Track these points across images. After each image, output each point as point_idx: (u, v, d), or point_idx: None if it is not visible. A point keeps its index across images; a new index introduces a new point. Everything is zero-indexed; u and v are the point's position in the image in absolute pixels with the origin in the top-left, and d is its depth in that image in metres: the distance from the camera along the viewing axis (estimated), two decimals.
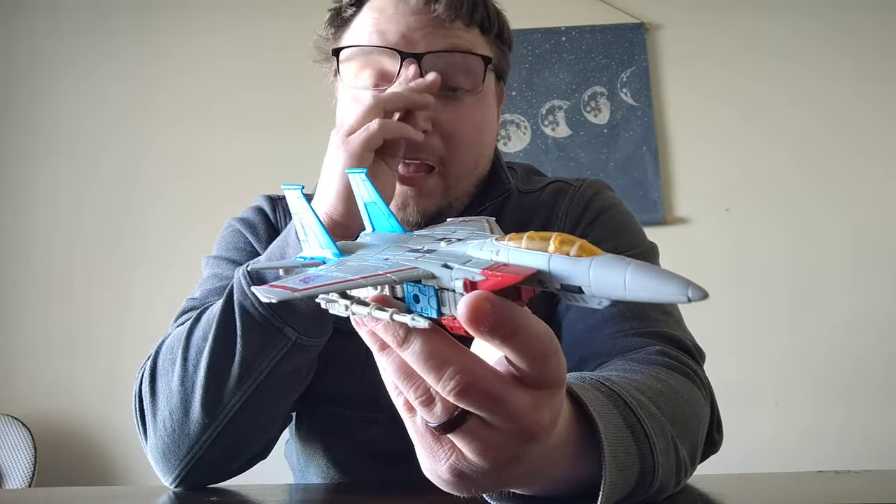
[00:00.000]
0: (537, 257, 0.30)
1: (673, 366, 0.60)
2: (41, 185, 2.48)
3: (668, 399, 0.53)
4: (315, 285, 0.32)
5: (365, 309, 0.32)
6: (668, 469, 0.49)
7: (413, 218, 0.73)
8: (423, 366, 0.32)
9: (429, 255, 0.35)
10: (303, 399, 0.79)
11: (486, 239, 0.34)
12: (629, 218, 0.81)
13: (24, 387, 2.34)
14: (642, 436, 0.45)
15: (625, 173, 2.43)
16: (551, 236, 0.30)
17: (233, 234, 0.83)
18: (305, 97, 2.27)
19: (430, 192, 0.73)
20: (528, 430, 0.34)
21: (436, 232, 0.40)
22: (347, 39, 0.75)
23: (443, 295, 0.32)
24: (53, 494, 0.76)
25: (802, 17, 2.52)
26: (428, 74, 0.68)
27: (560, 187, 0.82)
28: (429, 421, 0.35)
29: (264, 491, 0.67)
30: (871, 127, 2.47)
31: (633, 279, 0.26)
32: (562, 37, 2.52)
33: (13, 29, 2.56)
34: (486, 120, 0.77)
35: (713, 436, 0.63)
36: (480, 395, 0.32)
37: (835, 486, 0.64)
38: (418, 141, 0.67)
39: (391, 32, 0.70)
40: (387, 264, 0.34)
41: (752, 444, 1.96)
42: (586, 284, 0.28)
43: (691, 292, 0.25)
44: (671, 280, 0.26)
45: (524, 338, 0.31)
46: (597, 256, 0.28)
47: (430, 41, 0.70)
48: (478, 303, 0.29)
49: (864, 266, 2.38)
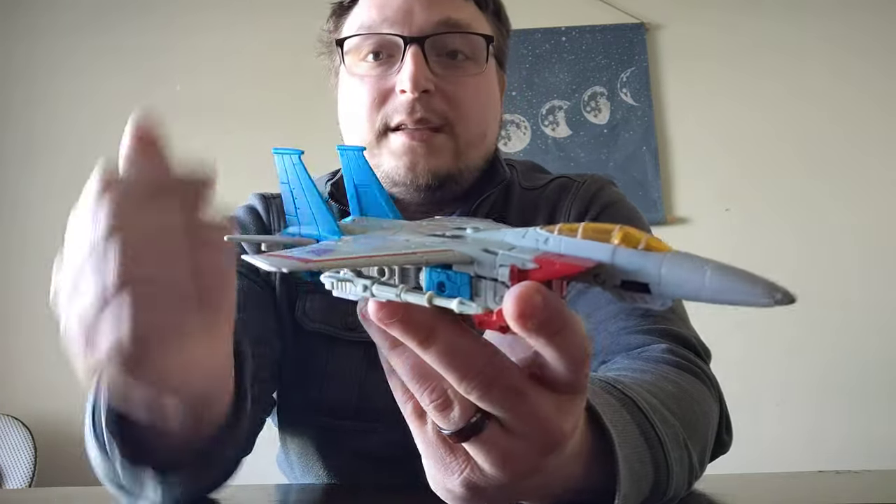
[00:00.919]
0: (598, 249, 0.27)
1: (682, 365, 0.59)
2: (40, 183, 2.48)
3: (680, 402, 0.52)
4: (332, 258, 0.28)
5: (391, 291, 0.28)
6: (682, 476, 0.48)
7: (423, 179, 0.72)
8: (447, 364, 0.29)
9: (459, 241, 0.31)
10: (298, 410, 0.78)
11: (527, 229, 0.30)
12: (635, 213, 0.81)
13: (24, 387, 2.34)
14: (657, 443, 0.44)
15: (625, 173, 2.42)
16: (613, 228, 0.27)
17: None
18: (306, 96, 2.27)
19: (441, 150, 0.72)
20: (551, 436, 0.31)
21: (441, 222, 0.36)
22: (349, 25, 0.75)
23: (478, 284, 0.29)
24: (53, 494, 0.76)
25: (802, 17, 2.52)
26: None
27: (564, 183, 0.82)
28: (443, 428, 0.32)
29: (263, 491, 0.66)
30: (872, 126, 2.47)
31: (714, 278, 0.24)
32: (562, 37, 2.52)
33: (12, 27, 2.56)
34: (490, 94, 0.77)
35: (722, 436, 0.62)
36: (506, 391, 0.29)
37: (835, 486, 0.64)
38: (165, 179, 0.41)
39: (390, 7, 0.71)
40: (409, 245, 0.30)
41: (752, 444, 1.95)
42: (656, 282, 0.26)
43: (778, 295, 0.23)
44: (755, 282, 0.24)
45: (569, 338, 0.28)
46: (669, 252, 0.26)
47: (428, 14, 0.70)
48: (529, 294, 0.26)
49: (864, 266, 2.38)
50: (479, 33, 0.73)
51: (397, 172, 0.72)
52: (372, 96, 0.71)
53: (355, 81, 0.73)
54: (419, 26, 0.70)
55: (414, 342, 0.29)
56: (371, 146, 0.72)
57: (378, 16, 0.71)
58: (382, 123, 0.71)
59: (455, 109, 0.72)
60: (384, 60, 0.72)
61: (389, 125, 0.71)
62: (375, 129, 0.72)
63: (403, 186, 0.73)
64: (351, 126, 0.75)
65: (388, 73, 0.71)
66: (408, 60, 0.69)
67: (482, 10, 0.76)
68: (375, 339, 0.32)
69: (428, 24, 0.70)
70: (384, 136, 0.72)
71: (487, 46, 0.74)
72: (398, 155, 0.71)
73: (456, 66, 0.72)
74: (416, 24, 0.70)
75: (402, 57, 0.70)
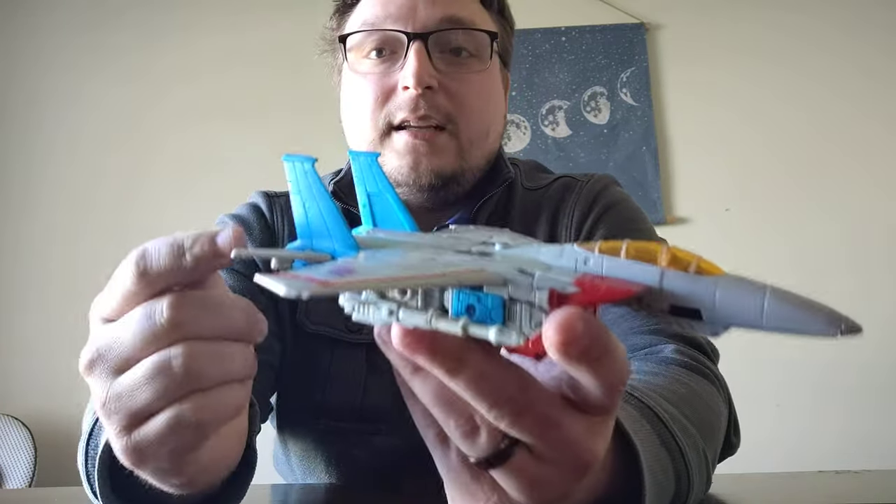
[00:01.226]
0: (645, 271, 0.25)
1: (692, 366, 0.59)
2: (40, 184, 2.48)
3: (694, 407, 0.52)
4: (356, 279, 0.25)
5: (420, 317, 0.26)
6: (701, 486, 0.48)
7: (426, 179, 0.71)
8: (476, 392, 0.27)
9: (489, 259, 0.29)
10: (300, 412, 0.76)
11: (562, 245, 0.28)
12: (639, 214, 0.80)
13: (24, 387, 2.34)
14: (678, 454, 0.44)
15: (625, 173, 2.42)
16: (660, 249, 0.26)
17: None
18: (306, 95, 2.26)
19: (443, 149, 0.71)
20: (582, 461, 0.29)
21: (464, 235, 0.33)
22: (352, 22, 0.75)
23: (512, 307, 0.27)
24: (53, 494, 0.75)
25: (802, 17, 2.52)
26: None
27: (567, 183, 0.81)
28: (469, 455, 0.30)
29: (263, 491, 0.66)
30: (871, 127, 2.47)
31: (774, 307, 0.23)
32: (562, 37, 2.52)
33: (12, 26, 2.56)
34: (493, 91, 0.76)
35: (730, 438, 0.62)
36: (537, 418, 0.28)
37: (835, 486, 0.64)
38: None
39: (394, 4, 0.71)
40: (437, 263, 0.27)
41: (752, 444, 1.95)
42: (709, 308, 0.24)
43: (844, 326, 0.22)
44: (819, 312, 0.22)
45: (609, 364, 0.26)
46: (722, 276, 0.24)
47: (431, 11, 0.70)
48: (572, 322, 0.24)
49: (864, 267, 2.38)
50: (483, 29, 0.73)
51: (400, 172, 0.71)
52: (375, 94, 0.71)
53: (358, 79, 0.73)
54: (422, 23, 0.70)
55: (441, 371, 0.27)
56: (374, 145, 0.72)
57: (381, 12, 0.71)
58: (386, 122, 0.71)
59: (458, 107, 0.71)
60: (387, 57, 0.72)
61: (393, 123, 0.70)
62: (379, 127, 0.71)
63: (406, 187, 0.72)
64: (354, 124, 0.75)
65: (391, 70, 0.71)
66: (411, 57, 0.68)
67: (486, 7, 0.76)
68: (395, 362, 0.30)
69: (431, 20, 0.70)
70: (387, 136, 0.71)
71: (491, 43, 0.73)
72: (401, 154, 0.71)
73: (460, 62, 0.72)
74: (420, 20, 0.70)
75: (405, 54, 0.69)
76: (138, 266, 0.32)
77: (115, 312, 0.33)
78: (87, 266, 2.41)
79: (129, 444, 0.33)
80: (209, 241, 0.31)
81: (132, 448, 0.33)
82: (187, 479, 0.36)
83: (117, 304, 0.33)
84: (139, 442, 0.33)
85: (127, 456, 0.34)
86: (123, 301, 0.33)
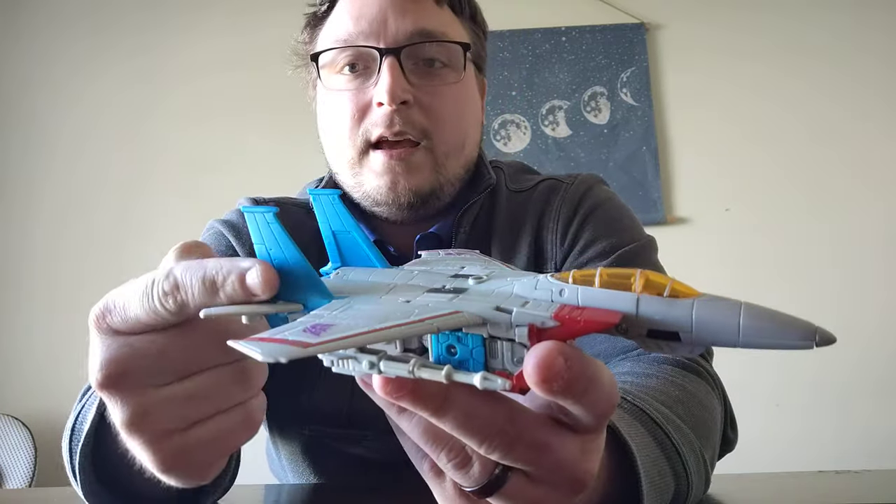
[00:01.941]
0: (620, 298, 0.25)
1: (685, 364, 0.59)
2: (41, 185, 2.48)
3: (688, 406, 0.52)
4: (334, 337, 0.25)
5: (402, 367, 0.26)
6: (700, 484, 0.48)
7: (405, 198, 0.71)
8: (465, 430, 0.27)
9: (464, 296, 0.28)
10: (289, 417, 0.76)
11: (535, 276, 0.28)
12: (624, 212, 0.79)
13: (24, 387, 2.34)
14: (674, 454, 0.44)
15: (625, 173, 2.42)
16: (633, 274, 0.26)
17: (214, 236, 0.78)
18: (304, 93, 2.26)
19: (420, 167, 0.71)
20: (578, 479, 0.30)
21: (435, 268, 0.33)
22: (324, 37, 0.75)
23: (492, 345, 0.27)
24: (53, 494, 0.75)
25: (802, 17, 2.52)
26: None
27: (552, 185, 0.81)
28: (464, 485, 0.30)
29: (256, 491, 0.66)
30: (871, 125, 2.47)
31: (749, 326, 0.23)
32: (562, 37, 2.52)
33: (14, 29, 2.56)
34: (468, 100, 0.76)
35: (727, 434, 0.62)
36: (528, 448, 0.28)
37: (835, 486, 0.64)
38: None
39: (365, 19, 0.70)
40: (412, 308, 0.27)
41: (752, 444, 1.95)
42: (686, 330, 0.24)
43: (818, 338, 0.22)
44: (793, 326, 0.23)
45: (596, 394, 0.26)
46: (698, 298, 0.24)
47: (402, 24, 0.70)
48: (551, 358, 0.24)
49: (864, 267, 2.38)
50: (456, 41, 0.73)
51: (378, 192, 0.71)
52: (351, 112, 0.71)
53: (333, 95, 0.73)
54: (394, 37, 0.70)
55: (427, 413, 0.27)
56: (353, 164, 0.72)
57: (354, 28, 0.71)
58: (363, 139, 0.71)
59: (433, 121, 0.71)
60: (360, 72, 0.71)
61: (370, 140, 0.70)
62: (357, 145, 0.71)
63: (386, 206, 0.73)
64: (332, 143, 0.75)
65: (365, 86, 0.71)
66: (384, 72, 0.68)
67: (457, 14, 0.75)
68: (379, 403, 0.30)
69: (402, 33, 0.70)
70: (365, 154, 0.71)
71: (465, 53, 0.73)
72: (379, 174, 0.71)
73: (433, 73, 0.72)
74: (391, 34, 0.70)
75: (378, 69, 0.69)
76: (174, 297, 0.31)
77: (131, 329, 0.33)
78: (87, 267, 2.41)
79: (172, 447, 0.33)
80: (240, 282, 0.30)
81: (175, 452, 0.33)
82: (210, 477, 0.36)
83: (137, 323, 0.33)
84: (183, 446, 0.33)
85: (163, 462, 0.34)
86: (145, 320, 0.32)
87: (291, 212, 0.79)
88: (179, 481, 0.35)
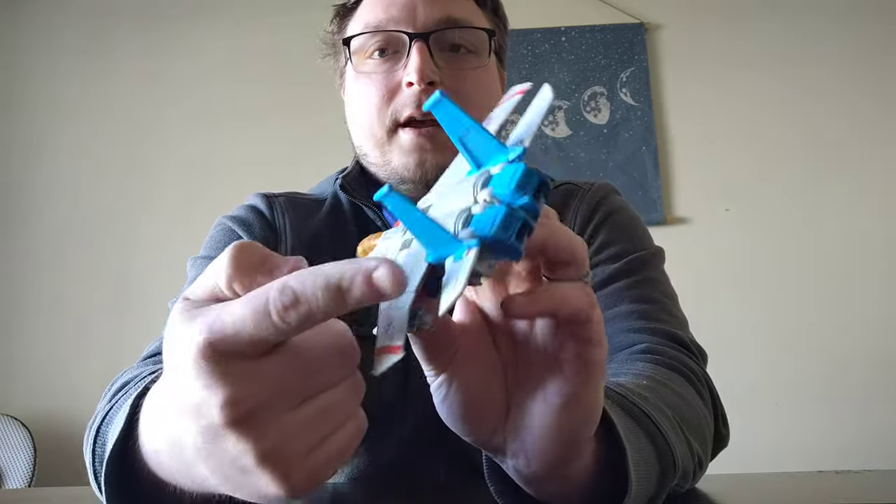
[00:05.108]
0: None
1: (658, 360, 0.60)
2: (45, 188, 2.48)
3: (654, 389, 0.52)
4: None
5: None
6: (686, 456, 0.48)
7: (432, 174, 0.73)
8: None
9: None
10: None
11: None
12: (637, 222, 0.83)
13: (24, 387, 2.34)
14: (644, 418, 0.45)
15: (625, 173, 2.43)
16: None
17: (223, 232, 0.78)
18: (311, 99, 2.26)
19: (447, 144, 0.71)
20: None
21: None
22: (353, 25, 0.78)
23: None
24: (53, 494, 0.75)
25: (801, 17, 2.52)
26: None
27: (570, 189, 0.84)
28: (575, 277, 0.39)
29: None
30: (872, 127, 2.47)
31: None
32: (562, 37, 2.52)
33: (18, 32, 2.57)
34: (492, 86, 0.79)
35: (720, 430, 0.62)
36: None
37: (835, 486, 0.64)
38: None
39: (395, 6, 0.74)
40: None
41: (752, 444, 1.96)
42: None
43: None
44: None
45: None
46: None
47: (431, 11, 0.74)
48: None
49: (863, 266, 2.38)
50: (481, 27, 0.77)
51: (406, 169, 0.74)
52: (381, 92, 0.74)
53: (363, 79, 0.76)
54: (423, 23, 0.73)
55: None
56: (382, 143, 0.75)
57: (383, 15, 0.74)
58: (392, 119, 0.73)
59: (460, 102, 0.71)
60: (390, 57, 0.75)
61: (399, 120, 0.73)
62: (386, 125, 0.74)
63: (412, 183, 0.74)
64: (361, 124, 0.77)
65: (394, 69, 0.74)
66: (413, 54, 0.71)
67: (481, 7, 0.79)
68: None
69: (431, 20, 0.73)
70: (394, 133, 0.74)
71: (490, 40, 0.77)
72: (407, 152, 0.73)
73: (459, 59, 0.75)
74: (420, 21, 0.73)
75: (407, 53, 0.73)
76: (296, 310, 0.28)
77: (253, 352, 0.29)
78: (88, 268, 2.41)
79: (307, 471, 0.30)
80: (368, 283, 0.28)
81: (309, 475, 0.30)
82: None
83: (259, 343, 0.29)
84: (315, 467, 0.31)
85: (293, 487, 0.30)
86: (272, 339, 0.29)
87: (303, 205, 0.81)
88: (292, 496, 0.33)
